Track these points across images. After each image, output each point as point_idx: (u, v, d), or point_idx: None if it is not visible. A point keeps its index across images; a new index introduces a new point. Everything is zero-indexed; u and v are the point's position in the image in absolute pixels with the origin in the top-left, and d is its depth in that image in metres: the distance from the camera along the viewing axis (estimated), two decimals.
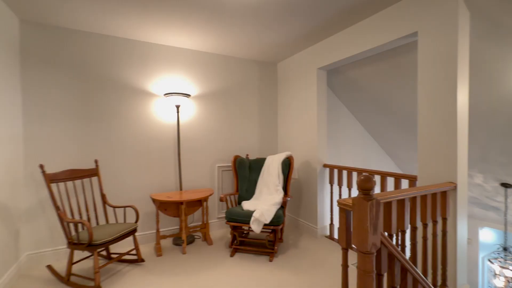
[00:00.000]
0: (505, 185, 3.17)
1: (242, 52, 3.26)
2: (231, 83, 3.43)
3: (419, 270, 1.71)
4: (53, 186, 2.42)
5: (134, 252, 2.64)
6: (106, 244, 2.01)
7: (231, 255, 2.61)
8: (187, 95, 2.89)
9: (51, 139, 2.49)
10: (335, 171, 2.98)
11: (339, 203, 1.28)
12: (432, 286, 1.47)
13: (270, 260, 2.50)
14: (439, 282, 1.79)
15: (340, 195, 2.92)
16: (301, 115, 3.30)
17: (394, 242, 1.76)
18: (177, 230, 3.10)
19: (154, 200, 2.66)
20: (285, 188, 2.97)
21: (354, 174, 2.77)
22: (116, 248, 2.76)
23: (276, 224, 2.51)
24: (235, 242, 2.74)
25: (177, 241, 2.89)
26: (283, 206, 2.76)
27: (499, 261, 3.29)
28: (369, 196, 1.11)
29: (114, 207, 2.48)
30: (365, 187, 1.12)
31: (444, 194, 1.75)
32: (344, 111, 3.88)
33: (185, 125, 3.14)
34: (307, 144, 3.20)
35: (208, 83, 3.28)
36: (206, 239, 2.94)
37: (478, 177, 3.34)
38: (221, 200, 2.67)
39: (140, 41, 2.86)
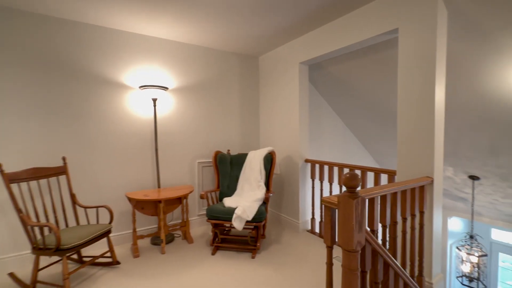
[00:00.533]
0: (472, 177, 3.37)
1: (222, 44, 3.14)
2: (211, 76, 3.31)
3: (398, 263, 1.76)
4: (15, 186, 2.20)
5: (109, 254, 2.49)
6: (76, 248, 1.86)
7: (213, 253, 2.55)
8: (165, 88, 2.74)
9: (10, 136, 2.25)
10: (317, 166, 3.00)
11: (324, 201, 1.25)
12: (411, 279, 1.51)
13: (253, 257, 2.48)
14: (416, 273, 1.86)
15: (321, 189, 2.94)
16: (283, 110, 3.27)
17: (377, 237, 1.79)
18: (156, 229, 2.97)
19: (130, 199, 2.51)
20: (267, 184, 2.93)
21: (335, 169, 2.80)
22: (89, 251, 2.59)
23: (258, 220, 2.48)
24: (217, 240, 2.68)
25: (156, 240, 2.77)
26: (265, 202, 2.73)
27: (466, 248, 3.52)
28: (354, 194, 1.10)
29: (85, 207, 2.31)
30: (351, 185, 1.10)
31: (422, 188, 1.80)
32: (325, 106, 3.91)
33: (163, 120, 2.99)
34: (289, 139, 3.19)
35: (187, 76, 3.14)
36: (187, 237, 2.84)
37: (449, 170, 3.52)
38: (201, 197, 2.58)
39: (113, 29, 2.65)
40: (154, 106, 2.78)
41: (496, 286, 4.91)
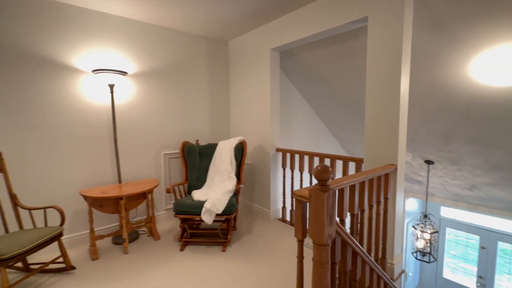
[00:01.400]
0: (428, 162, 3.65)
1: (188, 26, 2.90)
2: (176, 61, 3.07)
3: (365, 249, 1.82)
4: None
5: (61, 259, 2.25)
6: (17, 258, 1.62)
7: (181, 249, 2.44)
8: (123, 73, 2.47)
9: None
10: (288, 155, 2.98)
11: (295, 194, 1.21)
12: (376, 264, 1.56)
13: (223, 250, 2.42)
14: (380, 256, 1.95)
15: (292, 178, 2.95)
16: (254, 98, 3.17)
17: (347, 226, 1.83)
18: (118, 228, 2.76)
19: (85, 197, 2.27)
20: (238, 175, 2.86)
21: (306, 158, 2.81)
22: (39, 256, 2.31)
23: (229, 213, 2.41)
24: (185, 235, 2.56)
25: (118, 240, 2.57)
26: (236, 194, 2.66)
27: (421, 227, 3.85)
28: (325, 187, 1.06)
29: (30, 209, 2.03)
30: (322, 178, 1.06)
31: (387, 176, 1.86)
32: (296, 95, 3.88)
33: (123, 108, 2.71)
34: (260, 128, 3.12)
35: (149, 60, 2.86)
36: (153, 234, 2.68)
37: (408, 156, 3.76)
38: (167, 191, 2.43)
39: (59, 1, 2.27)
40: (112, 93, 2.50)
41: (443, 257, 5.53)
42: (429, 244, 3.80)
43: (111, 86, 2.47)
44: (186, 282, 1.97)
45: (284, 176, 3.06)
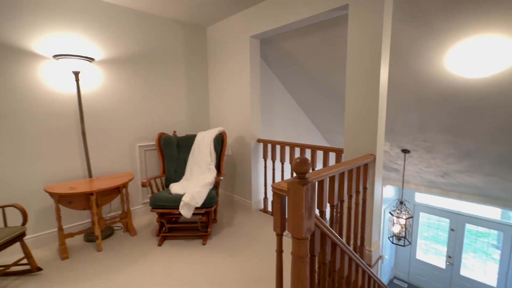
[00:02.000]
0: (404, 151, 3.76)
1: (162, 9, 2.71)
2: (151, 47, 2.87)
3: (344, 238, 1.84)
4: None
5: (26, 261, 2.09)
6: None
7: (159, 244, 2.35)
8: (89, 59, 2.27)
9: None
10: (269, 146, 2.94)
11: (273, 187, 1.16)
12: (355, 253, 1.57)
13: (204, 244, 2.36)
14: (358, 244, 1.98)
15: (273, 169, 2.92)
16: (233, 87, 3.06)
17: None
18: (90, 224, 2.61)
19: (51, 194, 2.10)
20: (218, 166, 2.79)
21: (287, 149, 2.78)
22: (1, 259, 2.14)
23: (209, 206, 2.34)
24: (164, 229, 2.47)
25: (90, 237, 2.43)
26: (216, 186, 2.59)
27: (397, 213, 4.01)
28: (304, 180, 1.02)
29: None
30: (301, 171, 1.01)
31: (366, 166, 1.87)
32: (277, 84, 3.81)
33: (91, 98, 2.52)
34: (241, 118, 3.03)
35: (120, 45, 2.66)
36: (129, 229, 2.57)
37: (386, 145, 3.85)
38: (143, 185, 2.31)
39: None
40: (77, 81, 2.30)
41: (416, 239, 5.85)
42: (404, 229, 3.98)
43: (76, 74, 2.27)
44: (164, 278, 1.90)
45: (265, 167, 3.02)
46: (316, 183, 1.40)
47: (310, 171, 1.33)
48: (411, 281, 5.96)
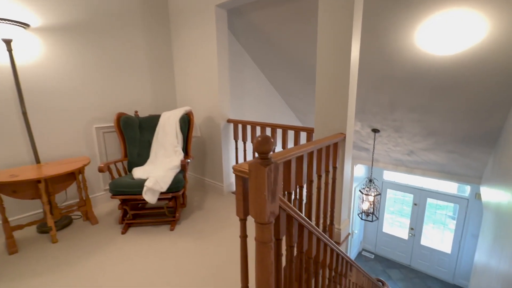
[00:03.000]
0: (374, 130, 3.84)
1: None
2: (102, 13, 2.53)
3: (314, 218, 1.82)
4: None
5: None
6: None
7: (123, 232, 2.20)
8: (24, 25, 1.92)
9: None
10: (239, 126, 2.81)
11: (234, 170, 1.06)
12: (322, 233, 1.55)
13: (171, 229, 2.25)
14: (328, 223, 1.98)
15: (244, 150, 2.82)
16: (200, 63, 2.84)
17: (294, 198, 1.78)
18: (42, 214, 2.37)
19: None
20: (186, 148, 2.63)
21: (258, 129, 2.68)
22: None
23: (175, 190, 2.21)
24: (128, 216, 2.31)
25: (44, 227, 2.22)
26: (183, 169, 2.45)
27: (366, 190, 4.17)
28: (267, 161, 0.92)
29: None
30: (262, 150, 0.91)
31: (335, 145, 1.83)
32: (248, 61, 3.61)
33: (30, 71, 2.18)
34: (209, 97, 2.85)
35: (62, 10, 2.29)
36: (89, 218, 2.37)
37: (357, 125, 3.90)
38: (100, 170, 2.11)
39: None
40: (9, 50, 1.95)
41: (383, 214, 6.23)
42: (372, 206, 4.16)
43: (8, 42, 1.92)
44: (126, 267, 1.78)
45: (236, 148, 2.91)
46: (282, 163, 1.32)
47: (274, 150, 1.24)
48: (377, 252, 6.41)
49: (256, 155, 0.94)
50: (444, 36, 2.07)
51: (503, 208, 2.12)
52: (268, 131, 2.55)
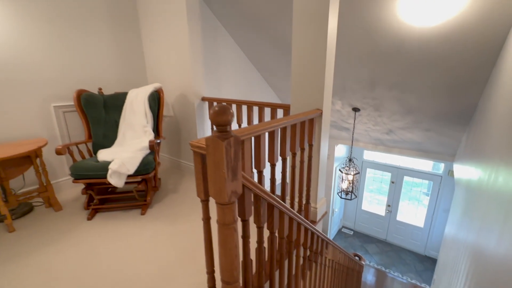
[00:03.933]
0: (355, 109, 3.80)
1: None
2: None
3: (288, 198, 1.76)
4: None
5: None
6: None
7: (89, 219, 2.06)
8: None
9: None
10: (215, 104, 2.65)
11: (191, 145, 0.94)
12: (295, 212, 1.50)
13: (142, 214, 2.14)
14: (304, 202, 1.94)
15: None
16: (170, 36, 2.60)
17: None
18: None
19: None
20: (157, 128, 2.46)
21: (234, 107, 2.54)
22: None
23: (144, 172, 2.08)
24: (94, 201, 2.16)
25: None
26: (153, 150, 2.29)
27: (346, 169, 4.21)
28: (225, 134, 0.81)
29: None
30: (219, 122, 0.79)
31: (311, 121, 1.74)
32: (225, 36, 3.37)
33: None
34: (181, 73, 2.65)
35: None
36: (52, 204, 2.20)
37: (338, 104, 3.84)
38: (57, 153, 1.92)
39: None
40: None
41: (363, 192, 6.42)
42: (351, 184, 4.23)
43: None
44: (91, 255, 1.67)
45: (212, 128, 2.77)
46: (253, 138, 1.22)
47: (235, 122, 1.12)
48: (356, 229, 6.67)
49: (215, 128, 0.82)
50: (424, 6, 1.97)
51: (473, 184, 2.16)
52: (244, 109, 2.42)
